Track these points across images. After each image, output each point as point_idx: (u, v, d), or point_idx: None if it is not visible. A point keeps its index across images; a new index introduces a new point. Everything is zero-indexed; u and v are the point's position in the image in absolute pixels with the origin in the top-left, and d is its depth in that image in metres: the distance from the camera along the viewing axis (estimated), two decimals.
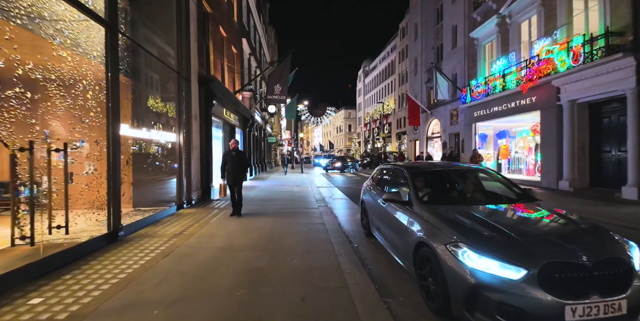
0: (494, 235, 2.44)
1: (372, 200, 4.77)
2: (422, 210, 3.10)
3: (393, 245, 3.67)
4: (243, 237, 5.02)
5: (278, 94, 12.21)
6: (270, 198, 9.21)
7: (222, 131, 11.21)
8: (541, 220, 2.95)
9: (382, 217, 4.13)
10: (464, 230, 2.55)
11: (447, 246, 2.41)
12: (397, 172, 4.45)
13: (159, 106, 7.34)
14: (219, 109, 10.62)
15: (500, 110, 14.13)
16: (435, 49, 22.04)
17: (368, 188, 5.37)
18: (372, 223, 4.77)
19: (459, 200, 3.67)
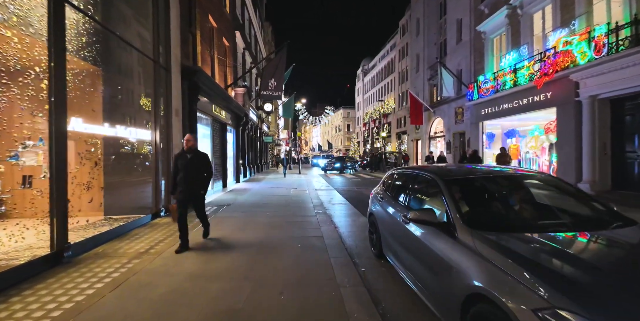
0: (618, 294, 1.47)
1: (386, 214, 3.74)
2: (476, 241, 2.07)
3: (421, 281, 2.66)
4: (222, 256, 4.07)
5: (273, 90, 11.26)
6: (262, 204, 8.25)
7: (211, 129, 10.26)
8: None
9: (403, 239, 3.10)
10: (563, 282, 1.54)
11: (538, 314, 1.40)
12: (421, 179, 3.35)
13: (130, 99, 6.38)
14: (207, 105, 9.66)
15: (511, 107, 13.22)
16: (438, 44, 21.14)
17: (378, 198, 4.27)
18: (384, 243, 3.77)
19: (528, 224, 2.50)
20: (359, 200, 9.46)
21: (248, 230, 5.39)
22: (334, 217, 6.92)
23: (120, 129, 5.72)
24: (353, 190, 12.16)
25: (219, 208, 7.58)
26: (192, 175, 4.43)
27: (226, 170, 11.97)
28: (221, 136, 11.70)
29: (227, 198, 9.13)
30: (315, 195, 10.01)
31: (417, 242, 2.72)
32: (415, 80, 24.60)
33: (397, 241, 3.28)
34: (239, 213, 6.94)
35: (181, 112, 7.76)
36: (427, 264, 2.53)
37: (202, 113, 9.38)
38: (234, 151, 13.87)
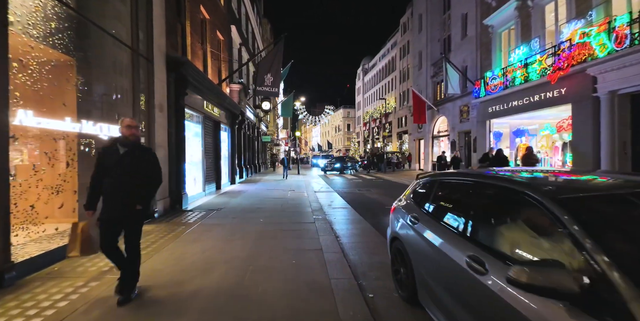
0: None
1: (426, 246, 2.45)
2: None
3: None
4: (200, 277, 3.37)
5: (269, 86, 10.55)
6: (256, 208, 7.55)
7: (203, 127, 9.56)
8: None
9: (471, 297, 1.86)
10: None
11: None
12: (495, 194, 2.10)
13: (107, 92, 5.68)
14: (197, 101, 8.97)
15: (521, 104, 12.53)
16: (442, 41, 20.45)
17: (410, 220, 2.88)
18: (422, 287, 2.52)
19: None
20: (361, 203, 8.76)
21: (235, 242, 4.69)
22: (334, 223, 6.21)
23: (96, 126, 5.02)
24: (354, 192, 11.46)
25: (207, 213, 6.88)
26: (125, 180, 2.82)
27: (219, 171, 11.27)
28: (214, 135, 11.00)
29: (219, 202, 8.43)
30: (315, 198, 9.31)
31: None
32: (417, 78, 23.90)
33: (453, 294, 2.05)
34: (229, 220, 6.24)
35: (166, 107, 7.06)
36: None
37: (192, 109, 8.68)
38: (229, 151, 13.17)
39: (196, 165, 9.21)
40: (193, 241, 4.74)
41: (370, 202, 9.15)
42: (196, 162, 9.20)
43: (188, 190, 8.18)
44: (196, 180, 9.04)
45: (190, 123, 8.80)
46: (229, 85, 13.49)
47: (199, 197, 9.00)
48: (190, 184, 8.57)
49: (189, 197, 8.17)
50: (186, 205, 7.55)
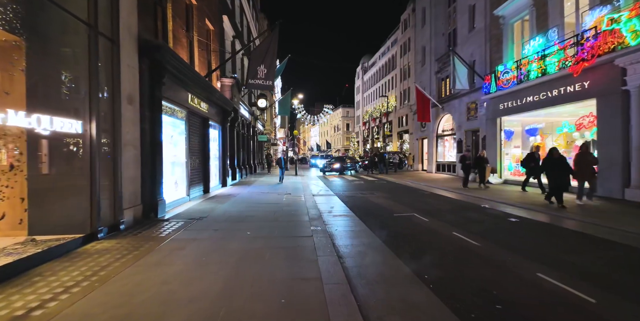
0: None
1: None
2: None
3: None
4: None
5: (263, 78, 9.51)
6: (245, 216, 6.51)
7: (187, 124, 8.51)
8: None
9: None
10: None
11: None
12: None
13: (60, 79, 4.64)
14: (180, 94, 7.93)
15: (537, 100, 11.53)
16: (447, 35, 19.45)
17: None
18: None
19: None
20: (365, 209, 7.74)
21: (210, 267, 3.65)
22: (336, 237, 5.18)
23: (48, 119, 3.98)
24: (357, 196, 10.44)
25: (185, 224, 5.84)
26: None
27: (208, 173, 10.22)
28: (202, 132, 9.96)
29: (203, 209, 7.39)
30: (313, 203, 8.29)
31: None
32: (420, 74, 22.90)
33: None
34: (209, 233, 5.20)
35: (138, 99, 6.02)
36: None
37: (174, 103, 7.64)
38: (220, 150, 12.13)
39: (179, 166, 8.17)
40: (156, 265, 3.71)
41: (376, 207, 8.13)
42: (179, 162, 8.16)
43: (167, 195, 7.14)
44: (178, 183, 8.00)
45: (172, 118, 7.77)
46: (219, 79, 12.45)
47: (181, 203, 7.96)
48: (171, 188, 7.53)
49: (168, 203, 7.13)
50: (163, 213, 6.50)
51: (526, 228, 5.84)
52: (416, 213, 7.14)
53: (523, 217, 6.71)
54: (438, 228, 5.81)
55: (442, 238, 5.14)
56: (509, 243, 4.82)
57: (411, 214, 7.00)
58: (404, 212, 7.40)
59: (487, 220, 6.50)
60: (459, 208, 7.99)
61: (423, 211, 7.39)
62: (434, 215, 6.98)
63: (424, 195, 10.56)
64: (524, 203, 8.20)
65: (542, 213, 7.13)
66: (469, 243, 4.80)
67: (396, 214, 7.03)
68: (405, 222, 6.34)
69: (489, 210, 7.68)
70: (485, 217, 6.80)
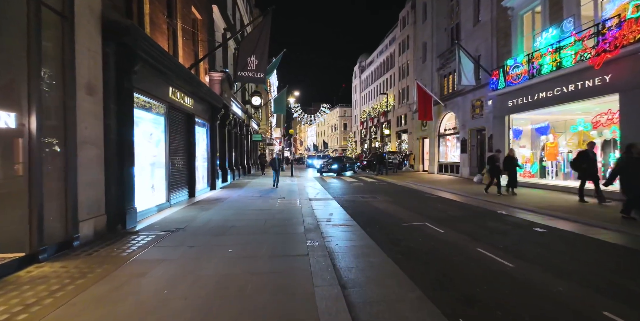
0: None
1: None
2: None
3: None
4: None
5: (253, 70, 8.58)
6: (229, 227, 5.59)
7: (168, 120, 7.56)
8: None
9: None
10: None
11: None
12: None
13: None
14: (159, 86, 6.99)
15: (550, 96, 10.71)
16: (449, 29, 18.63)
17: None
18: None
19: None
20: (369, 217, 6.84)
21: (169, 306, 2.73)
22: (337, 256, 4.27)
23: None
24: (357, 200, 9.54)
25: (157, 238, 4.90)
26: None
27: (193, 175, 9.27)
28: (186, 130, 9.01)
29: (183, 217, 6.46)
30: (309, 210, 7.38)
31: None
32: (421, 71, 22.08)
33: None
34: (182, 250, 4.27)
35: (101, 89, 5.07)
36: None
37: (150, 96, 6.70)
38: (208, 150, 11.18)
39: (157, 168, 7.23)
40: (98, 301, 2.78)
41: (380, 214, 7.24)
42: (157, 164, 7.21)
43: (142, 201, 6.20)
44: (156, 187, 7.05)
45: (148, 114, 6.82)
46: (208, 73, 11.51)
47: (159, 210, 7.01)
48: (146, 194, 6.58)
49: (143, 211, 6.19)
50: (133, 224, 5.56)
51: (563, 242, 4.97)
52: (427, 221, 6.25)
53: (551, 227, 5.85)
54: (457, 242, 4.92)
55: (466, 256, 4.25)
56: (550, 264, 3.95)
57: (422, 223, 6.12)
58: (413, 220, 6.51)
59: (511, 231, 5.63)
60: (473, 215, 7.12)
61: (434, 219, 6.51)
62: (447, 224, 6.10)
63: (431, 199, 9.69)
64: (542, 208, 7.35)
65: (570, 221, 6.28)
66: (501, 265, 3.91)
67: (405, 223, 6.14)
68: (417, 233, 5.45)
69: (507, 217, 6.81)
70: (507, 227, 5.93)
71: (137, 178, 6.27)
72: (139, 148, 6.37)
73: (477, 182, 13.80)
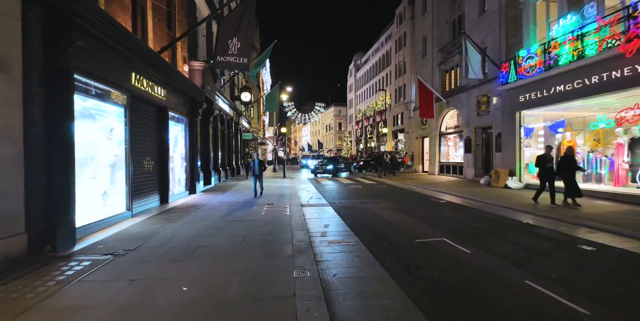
0: None
1: None
2: None
3: None
4: None
5: (235, 54, 7.32)
6: (196, 246, 4.34)
7: (129, 113, 6.26)
8: None
9: None
10: None
11: None
12: None
13: None
14: (115, 69, 5.70)
15: (569, 89, 9.64)
16: (451, 22, 17.56)
17: None
18: None
19: None
20: (373, 230, 5.63)
21: None
22: (336, 296, 3.05)
23: None
24: (357, 206, 8.34)
25: (92, 265, 3.64)
26: None
27: (166, 178, 7.98)
28: (157, 126, 7.71)
29: (142, 231, 5.18)
30: (300, 220, 6.15)
31: None
32: (421, 67, 20.98)
33: None
34: (116, 290, 3.01)
35: (20, 65, 3.79)
36: None
37: (101, 81, 5.40)
38: (187, 149, 9.87)
39: (114, 170, 5.94)
40: None
41: (385, 226, 6.04)
42: (112, 165, 5.92)
43: (87, 213, 4.92)
44: (110, 194, 5.75)
45: (98, 102, 5.53)
46: (188, 62, 10.21)
47: (115, 221, 5.72)
48: (94, 203, 5.29)
49: (92, 223, 4.93)
50: (70, 244, 4.27)
51: (629, 267, 3.83)
52: (446, 236, 5.07)
53: (600, 244, 4.71)
54: (494, 269, 3.74)
55: (517, 296, 3.06)
56: None
57: (440, 239, 4.93)
58: (428, 234, 5.33)
59: (554, 250, 4.48)
60: (497, 226, 5.96)
61: (453, 233, 5.33)
62: (471, 240, 4.92)
63: (440, 205, 8.52)
64: (571, 216, 6.22)
65: (622, 236, 5.15)
66: (573, 310, 2.73)
67: (419, 240, 4.95)
68: (438, 255, 4.26)
69: (538, 229, 5.67)
70: (546, 243, 4.78)
71: (86, 183, 5.01)
72: (89, 146, 5.11)
73: (484, 184, 12.72)
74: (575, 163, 7.89)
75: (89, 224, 4.98)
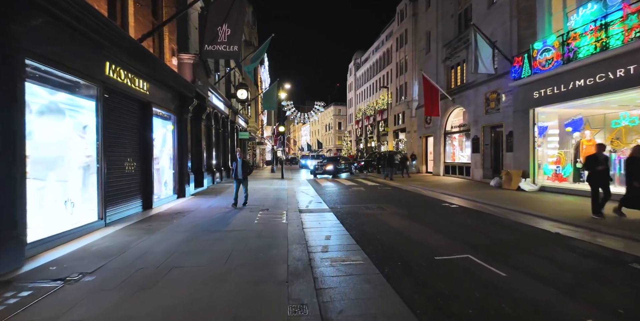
0: None
1: None
2: None
3: None
4: None
5: (225, 42, 6.56)
6: (169, 268, 3.56)
7: (102, 107, 5.47)
8: None
9: None
10: None
11: None
12: None
13: None
14: (83, 58, 4.93)
15: (591, 84, 8.88)
16: (457, 16, 16.80)
17: None
18: None
19: None
20: (382, 244, 4.85)
21: None
22: None
23: None
24: (361, 211, 7.57)
25: (34, 295, 2.87)
26: None
27: (150, 180, 7.20)
28: (139, 123, 6.93)
29: (111, 246, 4.41)
30: (298, 230, 5.38)
31: None
32: (425, 63, 20.21)
33: None
34: None
35: None
36: None
37: (65, 69, 4.62)
38: (175, 149, 9.09)
39: (85, 173, 5.17)
40: None
41: (398, 238, 5.27)
42: (85, 167, 5.16)
43: (49, 224, 4.16)
44: (79, 200, 4.97)
45: (68, 95, 4.77)
46: (177, 55, 9.42)
47: (86, 232, 4.95)
48: (58, 211, 4.51)
49: (45, 239, 4.15)
50: (15, 264, 3.49)
51: None
52: (469, 252, 4.30)
53: None
54: (539, 299, 2.98)
55: None
56: None
57: (464, 256, 4.16)
58: (447, 248, 4.56)
59: (602, 270, 3.73)
60: (524, 237, 5.20)
61: (477, 247, 4.57)
62: (499, 256, 4.16)
63: (453, 210, 7.75)
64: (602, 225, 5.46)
65: None
66: None
67: (438, 257, 4.17)
68: (466, 280, 3.48)
69: (572, 241, 4.91)
70: (589, 261, 4.02)
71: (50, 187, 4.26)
72: (56, 145, 4.36)
73: (494, 186, 11.97)
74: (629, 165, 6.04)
75: (49, 237, 4.20)
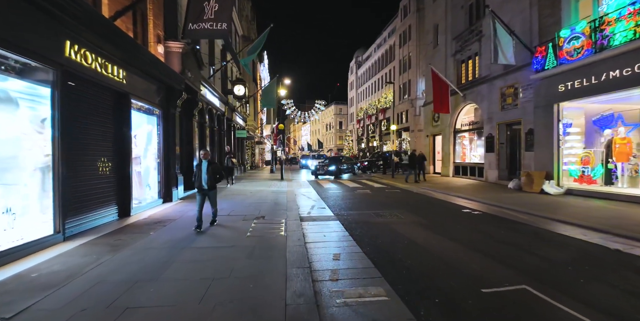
0: None
1: None
2: None
3: None
4: None
5: (212, 19, 5.57)
6: (126, 306, 2.57)
7: (59, 95, 4.48)
8: None
9: None
10: None
11: None
12: None
13: None
14: (39, 36, 3.95)
15: (628, 74, 7.87)
16: (467, 7, 15.79)
17: None
18: None
19: None
20: (408, 267, 3.85)
21: None
22: None
23: None
24: (371, 219, 6.57)
25: None
26: None
27: (127, 184, 6.20)
28: (113, 117, 5.94)
29: (60, 270, 3.42)
30: (299, 247, 4.38)
31: None
32: (432, 57, 19.18)
33: None
34: None
35: None
36: None
37: (14, 49, 3.62)
38: (160, 149, 8.09)
39: (43, 175, 4.18)
40: None
41: (423, 256, 4.27)
42: (43, 168, 4.16)
43: None
44: (16, 213, 3.97)
45: (22, 82, 3.78)
46: (164, 42, 8.43)
47: (36, 249, 3.96)
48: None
49: None
50: None
51: None
52: (523, 280, 3.30)
53: None
54: None
55: None
56: None
57: (519, 287, 3.16)
58: (493, 275, 3.56)
59: None
60: (581, 256, 4.19)
61: (530, 272, 3.57)
62: (564, 286, 3.18)
63: (479, 218, 6.74)
64: None
65: None
66: None
67: (486, 289, 3.17)
68: None
69: None
70: None
71: None
72: (4, 142, 3.37)
73: (513, 188, 10.97)
74: None
75: None
